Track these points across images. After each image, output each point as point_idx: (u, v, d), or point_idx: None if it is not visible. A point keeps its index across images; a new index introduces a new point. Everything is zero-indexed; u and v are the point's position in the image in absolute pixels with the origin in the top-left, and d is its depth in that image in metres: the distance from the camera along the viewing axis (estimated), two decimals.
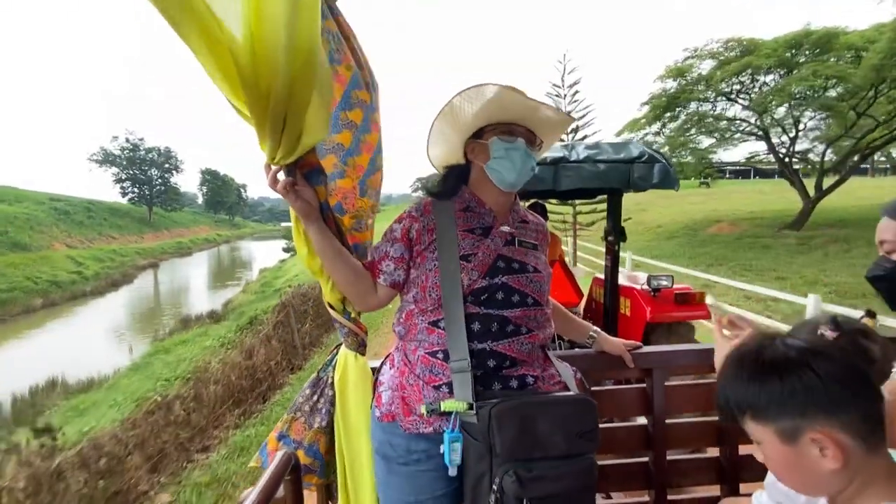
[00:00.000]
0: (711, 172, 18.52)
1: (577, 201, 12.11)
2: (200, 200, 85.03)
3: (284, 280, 19.00)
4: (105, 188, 55.31)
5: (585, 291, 4.34)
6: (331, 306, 1.33)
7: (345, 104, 1.23)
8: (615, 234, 3.54)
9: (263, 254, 42.38)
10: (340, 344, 1.39)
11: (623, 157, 2.91)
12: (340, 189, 1.25)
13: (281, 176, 1.09)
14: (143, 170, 56.04)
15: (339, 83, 1.21)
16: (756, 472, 1.43)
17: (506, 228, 1.21)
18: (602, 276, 3.88)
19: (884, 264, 1.08)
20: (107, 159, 53.96)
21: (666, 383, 1.55)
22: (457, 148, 1.26)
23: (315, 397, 1.38)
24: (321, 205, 1.16)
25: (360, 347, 1.37)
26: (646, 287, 3.66)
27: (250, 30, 0.81)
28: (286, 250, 39.69)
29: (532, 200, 4.19)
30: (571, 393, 1.17)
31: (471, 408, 1.04)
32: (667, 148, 16.30)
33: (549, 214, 12.71)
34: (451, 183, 1.24)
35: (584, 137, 12.97)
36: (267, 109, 0.90)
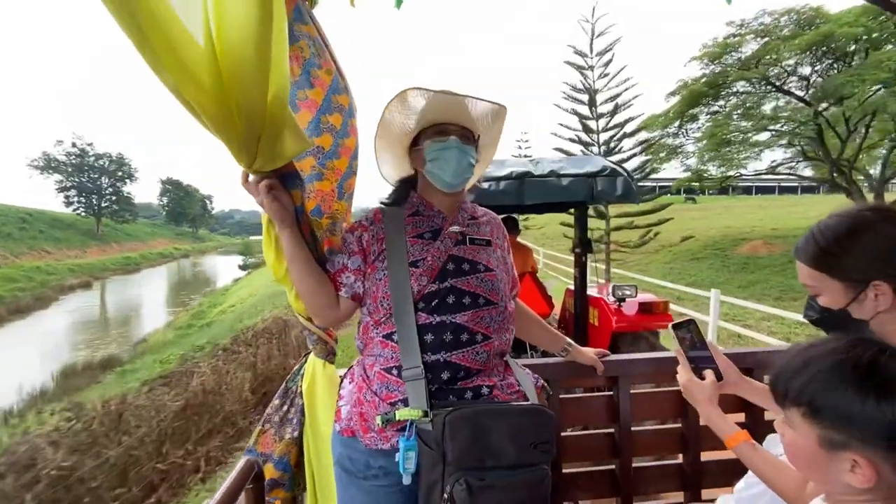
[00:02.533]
0: (744, 187, 15.54)
1: (612, 215, 9.10)
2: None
3: (219, 310, 15.24)
4: (55, 198, 49.46)
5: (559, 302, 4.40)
6: (300, 314, 1.31)
7: (326, 108, 1.23)
8: (582, 246, 3.66)
9: (224, 270, 38.25)
10: (310, 352, 1.37)
11: (586, 172, 2.98)
12: (319, 192, 1.25)
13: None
14: (92, 178, 51.26)
15: (321, 87, 1.22)
16: (717, 478, 1.56)
17: (455, 228, 1.20)
18: (584, 288, 3.88)
19: (815, 305, 1.05)
20: (49, 165, 48.91)
21: (632, 391, 1.56)
22: (402, 158, 1.26)
23: (285, 408, 1.34)
24: (296, 209, 1.11)
25: (329, 356, 1.36)
26: (612, 297, 3.68)
27: (214, 50, 0.77)
28: (242, 267, 35.74)
29: (504, 216, 3.66)
30: (528, 403, 1.15)
31: (426, 415, 1.03)
32: (698, 146, 13.19)
33: (570, 229, 10.00)
34: (400, 192, 1.25)
35: (627, 121, 9.79)
36: (239, 128, 0.85)
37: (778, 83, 12.76)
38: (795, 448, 0.72)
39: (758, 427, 1.46)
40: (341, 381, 1.23)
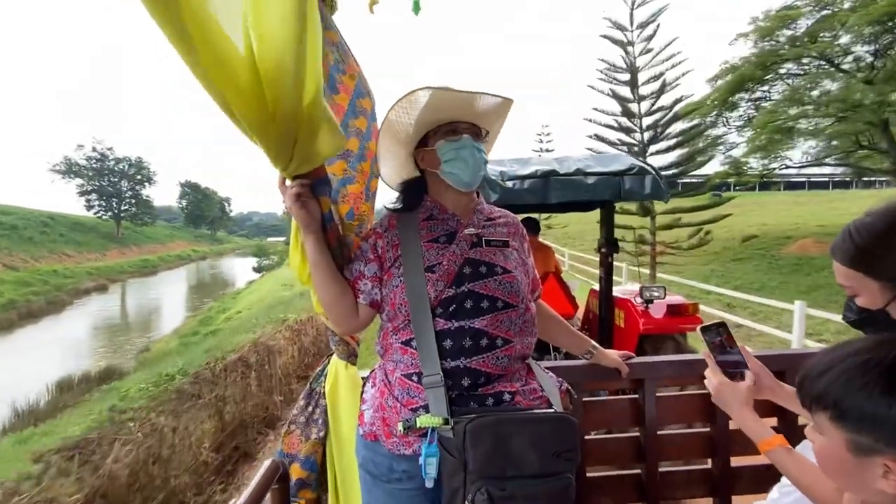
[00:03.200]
0: (774, 182, 14.17)
1: (658, 212, 8.08)
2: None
3: (226, 317, 14.55)
4: (76, 202, 50.18)
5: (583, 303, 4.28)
6: (323, 315, 1.31)
7: (351, 112, 1.25)
8: (608, 246, 3.57)
9: (240, 273, 37.98)
10: (332, 353, 1.37)
11: (614, 170, 2.92)
12: (351, 194, 1.27)
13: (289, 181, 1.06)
14: (112, 181, 51.86)
15: (346, 92, 1.23)
16: (748, 484, 1.51)
17: (470, 230, 1.18)
18: (609, 289, 3.76)
19: (853, 306, 1.01)
20: (70, 170, 49.61)
21: (658, 394, 1.53)
22: (406, 161, 1.25)
23: (310, 408, 1.36)
24: (323, 216, 1.12)
25: (351, 357, 1.37)
26: (639, 299, 3.61)
27: (253, 52, 0.78)
28: (257, 269, 35.43)
29: (524, 215, 4.07)
30: (551, 410, 1.13)
31: (446, 423, 1.02)
32: (743, 136, 11.89)
33: (620, 231, 8.99)
34: (411, 196, 1.23)
35: (678, 102, 8.71)
36: (276, 131, 0.87)
37: (836, 62, 11.41)
38: (825, 454, 0.70)
39: (791, 432, 1.36)
40: (364, 384, 1.23)
